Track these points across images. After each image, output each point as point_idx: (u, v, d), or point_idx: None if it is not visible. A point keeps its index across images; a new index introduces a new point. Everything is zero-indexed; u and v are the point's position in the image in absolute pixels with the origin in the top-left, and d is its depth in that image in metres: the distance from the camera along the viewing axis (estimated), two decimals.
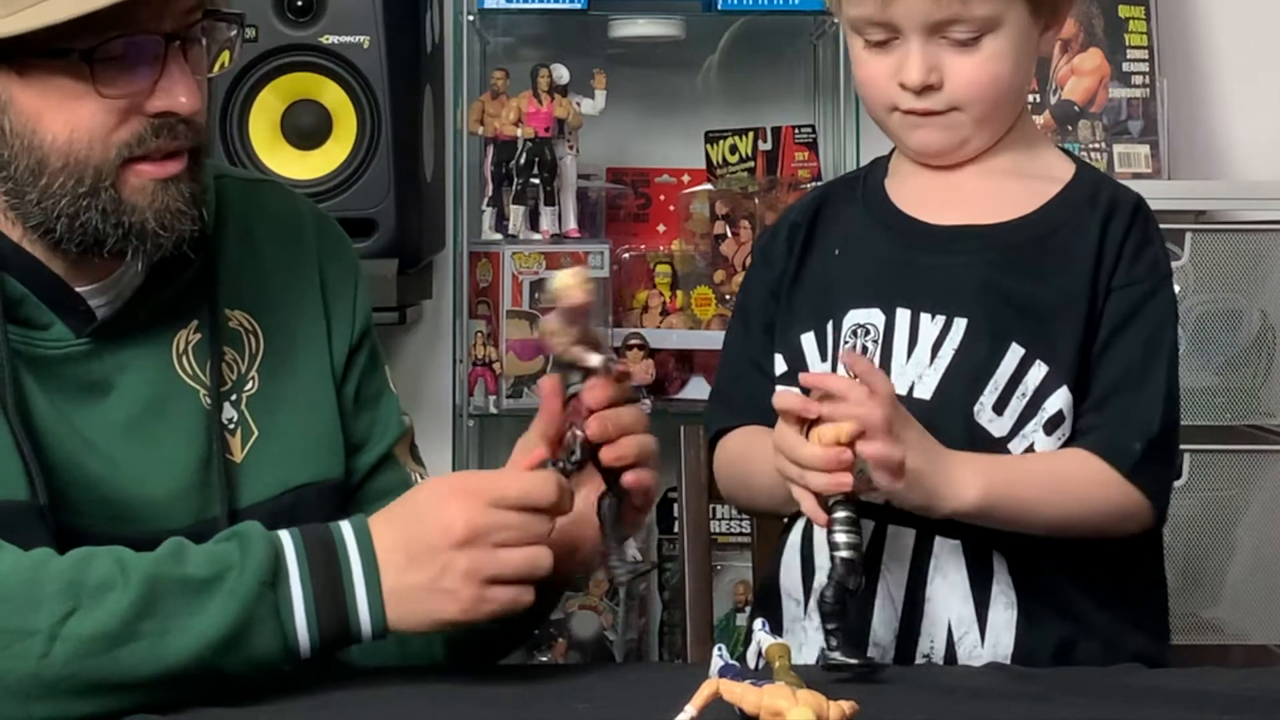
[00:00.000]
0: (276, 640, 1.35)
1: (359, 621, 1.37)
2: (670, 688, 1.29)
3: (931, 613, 1.62)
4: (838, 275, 1.69)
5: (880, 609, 1.62)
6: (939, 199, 1.69)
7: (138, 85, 1.42)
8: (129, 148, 1.43)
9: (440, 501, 1.38)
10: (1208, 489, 2.90)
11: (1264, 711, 1.38)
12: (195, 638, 1.33)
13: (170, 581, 1.34)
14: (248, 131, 2.70)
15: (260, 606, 1.34)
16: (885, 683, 1.43)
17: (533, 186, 3.03)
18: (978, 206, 1.68)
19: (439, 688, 1.42)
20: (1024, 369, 1.62)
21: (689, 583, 1.94)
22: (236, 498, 1.53)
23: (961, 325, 1.63)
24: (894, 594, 1.62)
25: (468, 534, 1.36)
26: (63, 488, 1.45)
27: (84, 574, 1.33)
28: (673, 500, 3.14)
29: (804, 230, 1.73)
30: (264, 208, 1.64)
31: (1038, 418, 1.61)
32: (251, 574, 1.35)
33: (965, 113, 1.65)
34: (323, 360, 1.61)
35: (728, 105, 3.26)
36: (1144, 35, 3.15)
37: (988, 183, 1.69)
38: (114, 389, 1.50)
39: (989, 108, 1.65)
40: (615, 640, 3.17)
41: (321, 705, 1.36)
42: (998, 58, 1.63)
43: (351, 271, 1.67)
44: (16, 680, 1.30)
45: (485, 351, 3.03)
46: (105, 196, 1.43)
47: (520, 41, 3.24)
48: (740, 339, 1.76)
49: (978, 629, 1.61)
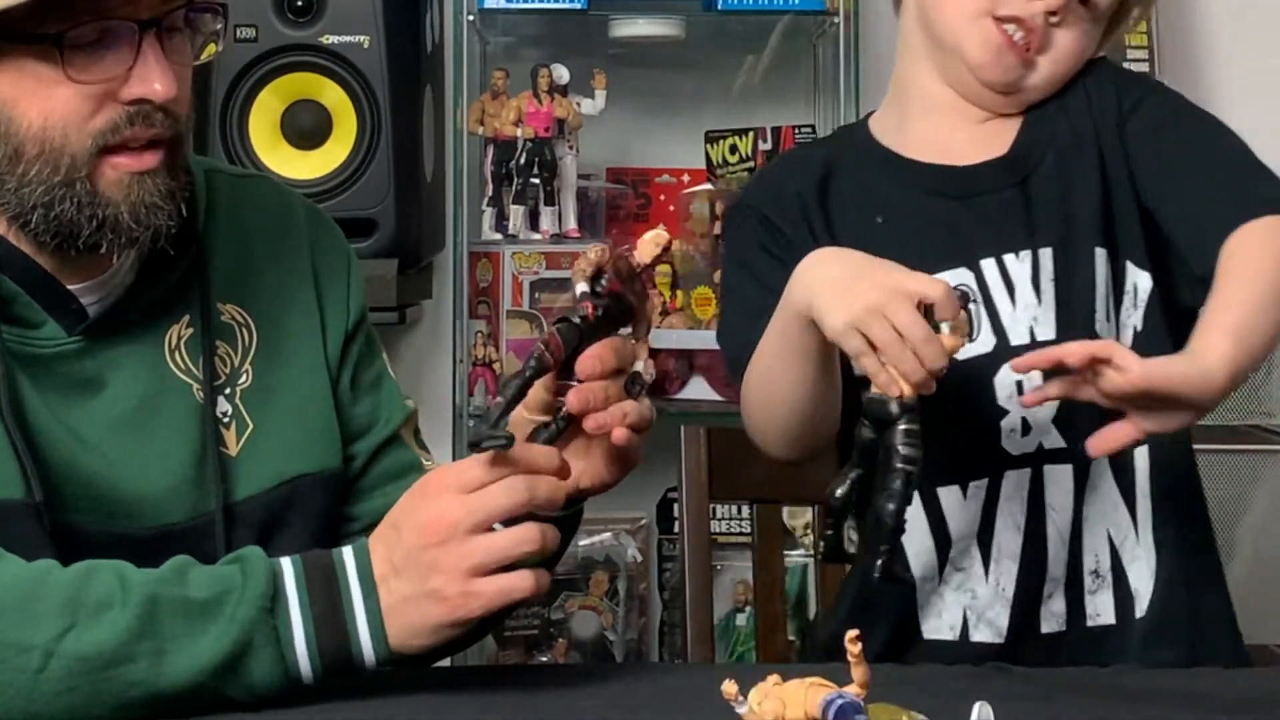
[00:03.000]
0: (277, 667, 1.34)
1: (360, 645, 1.35)
2: (670, 688, 1.29)
3: (1091, 529, 1.64)
4: (887, 243, 1.60)
5: (1051, 545, 1.64)
6: (961, 139, 1.70)
7: (111, 71, 1.41)
8: (104, 135, 1.42)
9: (413, 505, 1.37)
10: (1208, 489, 2.88)
11: (1264, 711, 1.38)
12: (193, 660, 1.32)
13: (170, 602, 1.33)
14: (248, 131, 2.70)
15: (259, 631, 1.33)
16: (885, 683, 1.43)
17: (533, 186, 3.03)
18: (996, 138, 1.70)
19: (439, 688, 1.42)
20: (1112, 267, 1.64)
21: (689, 583, 1.94)
22: (232, 491, 1.52)
23: (1048, 255, 1.64)
24: (1061, 528, 1.64)
25: (444, 529, 1.33)
26: (58, 485, 1.45)
27: (84, 590, 1.32)
28: (673, 500, 3.14)
29: (815, 200, 1.71)
30: (255, 201, 1.64)
31: (1126, 301, 1.65)
32: (251, 598, 1.33)
33: (1043, 71, 1.67)
34: (317, 351, 1.61)
35: (728, 105, 3.26)
36: (1144, 35, 3.15)
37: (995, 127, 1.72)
38: (107, 386, 1.50)
39: (1055, 82, 1.69)
40: (615, 640, 3.17)
41: (322, 705, 1.36)
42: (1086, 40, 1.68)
43: (344, 262, 1.66)
44: (12, 695, 1.29)
45: (485, 351, 3.03)
46: (80, 188, 1.42)
47: (520, 41, 3.24)
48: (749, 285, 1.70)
49: (1132, 529, 1.64)
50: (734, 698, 1.11)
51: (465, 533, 1.33)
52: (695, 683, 1.24)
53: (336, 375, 1.61)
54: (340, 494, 1.59)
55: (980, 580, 1.65)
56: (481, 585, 1.33)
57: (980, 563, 1.65)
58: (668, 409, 3.00)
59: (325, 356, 1.61)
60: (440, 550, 1.33)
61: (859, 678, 1.12)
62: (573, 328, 1.39)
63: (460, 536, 1.33)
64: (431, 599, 1.34)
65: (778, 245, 1.70)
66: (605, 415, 1.41)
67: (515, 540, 1.33)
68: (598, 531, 3.20)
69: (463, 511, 1.33)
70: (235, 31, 2.67)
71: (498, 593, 1.33)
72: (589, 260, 1.40)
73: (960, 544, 1.65)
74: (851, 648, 1.10)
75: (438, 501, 1.35)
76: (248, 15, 2.68)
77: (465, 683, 1.45)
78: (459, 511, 1.33)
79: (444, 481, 1.36)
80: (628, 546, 3.21)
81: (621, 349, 1.43)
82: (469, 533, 1.33)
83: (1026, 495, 1.64)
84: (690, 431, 1.96)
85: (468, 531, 1.33)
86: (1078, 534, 1.64)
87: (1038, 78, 1.68)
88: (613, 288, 1.41)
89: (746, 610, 3.09)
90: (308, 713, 1.35)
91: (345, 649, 1.35)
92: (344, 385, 1.62)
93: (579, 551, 3.18)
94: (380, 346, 1.68)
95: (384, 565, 1.36)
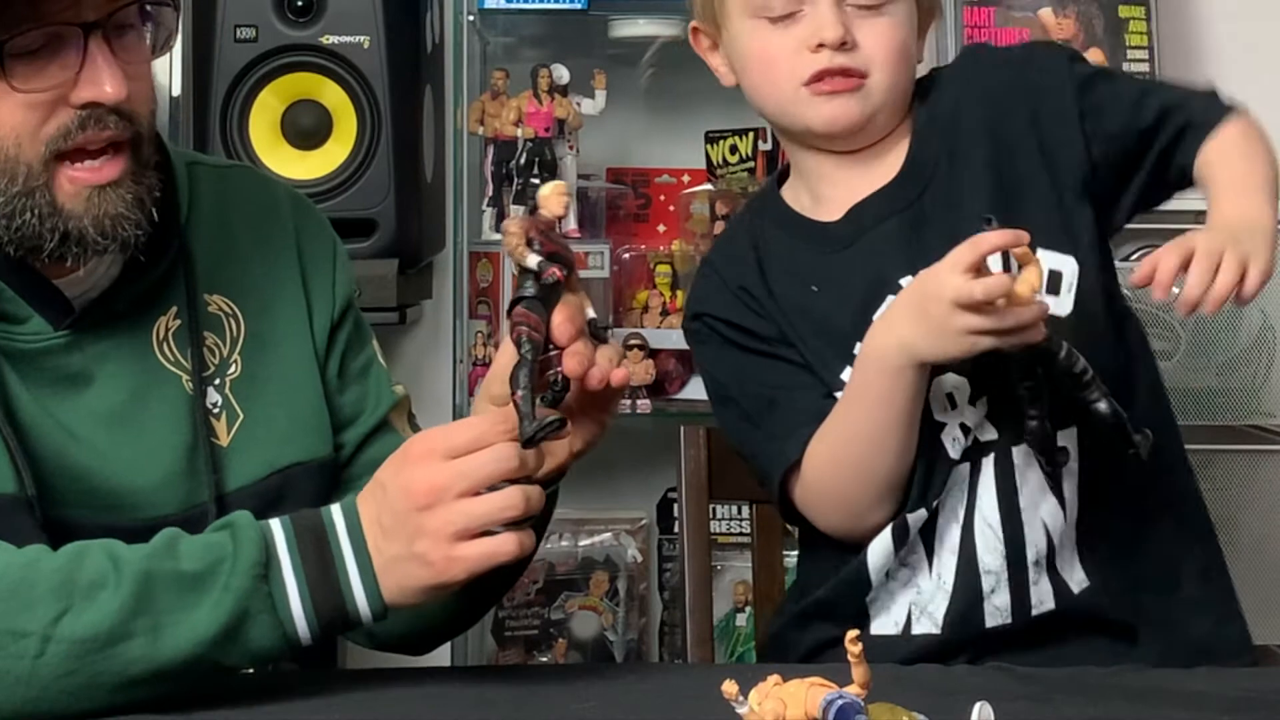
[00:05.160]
0: (275, 631, 1.34)
1: (356, 603, 1.36)
2: (670, 688, 1.29)
3: (1029, 519, 1.64)
4: (827, 308, 1.67)
5: (981, 537, 1.63)
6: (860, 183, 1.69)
7: (57, 77, 1.40)
8: (57, 141, 1.41)
9: (398, 467, 1.37)
10: (1208, 489, 2.88)
11: (1264, 711, 1.38)
12: (190, 633, 1.32)
13: (163, 577, 1.33)
14: (248, 131, 2.70)
15: (255, 599, 1.34)
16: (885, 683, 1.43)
17: (533, 186, 3.02)
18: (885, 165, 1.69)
19: (439, 688, 1.42)
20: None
21: (689, 583, 1.94)
22: (224, 482, 1.53)
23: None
24: (989, 520, 1.64)
25: (428, 493, 1.34)
26: (50, 480, 1.45)
27: (76, 572, 1.33)
28: (673, 500, 3.14)
29: (759, 286, 1.71)
30: (238, 192, 1.63)
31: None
32: (244, 567, 1.34)
33: (876, 79, 1.65)
34: (304, 339, 1.61)
35: (728, 105, 3.26)
36: (1144, 35, 3.15)
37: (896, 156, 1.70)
38: (95, 379, 1.50)
39: (896, 75, 1.67)
40: (615, 640, 3.17)
41: (322, 705, 1.36)
42: (903, 25, 1.67)
43: (329, 249, 1.66)
44: (12, 683, 1.30)
45: (485, 351, 3.03)
46: (40, 198, 1.42)
47: (520, 41, 3.24)
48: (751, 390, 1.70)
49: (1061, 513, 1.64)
50: (734, 698, 1.11)
51: (451, 498, 1.33)
52: (695, 683, 1.24)
53: (324, 363, 1.61)
54: (332, 482, 1.59)
55: (925, 574, 1.65)
56: (465, 549, 1.34)
57: (924, 557, 1.65)
58: (668, 409, 3.00)
59: (313, 345, 1.61)
60: (426, 514, 1.34)
61: (859, 678, 1.12)
62: (537, 301, 1.40)
63: (446, 501, 1.33)
64: (417, 562, 1.34)
65: (755, 341, 1.71)
66: (599, 369, 1.42)
67: (500, 505, 1.34)
68: (598, 531, 3.20)
69: (449, 476, 1.34)
70: (235, 31, 2.67)
71: (481, 557, 1.34)
72: (518, 232, 1.41)
73: (909, 542, 1.65)
74: (852, 648, 1.11)
75: (425, 466, 1.35)
76: (248, 15, 2.68)
77: (465, 683, 1.45)
78: (446, 476, 1.34)
79: (431, 445, 1.36)
80: (628, 546, 3.20)
81: (579, 304, 1.43)
82: (455, 498, 1.33)
83: (966, 488, 1.64)
84: (690, 431, 1.96)
85: (454, 497, 1.33)
86: (1016, 525, 1.64)
87: (876, 95, 1.66)
88: (549, 249, 1.42)
89: (746, 610, 3.09)
90: (307, 710, 1.35)
91: (341, 608, 1.36)
92: (331, 373, 1.62)
93: (579, 551, 3.18)
94: (370, 334, 1.68)
95: (373, 526, 1.37)
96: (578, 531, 3.18)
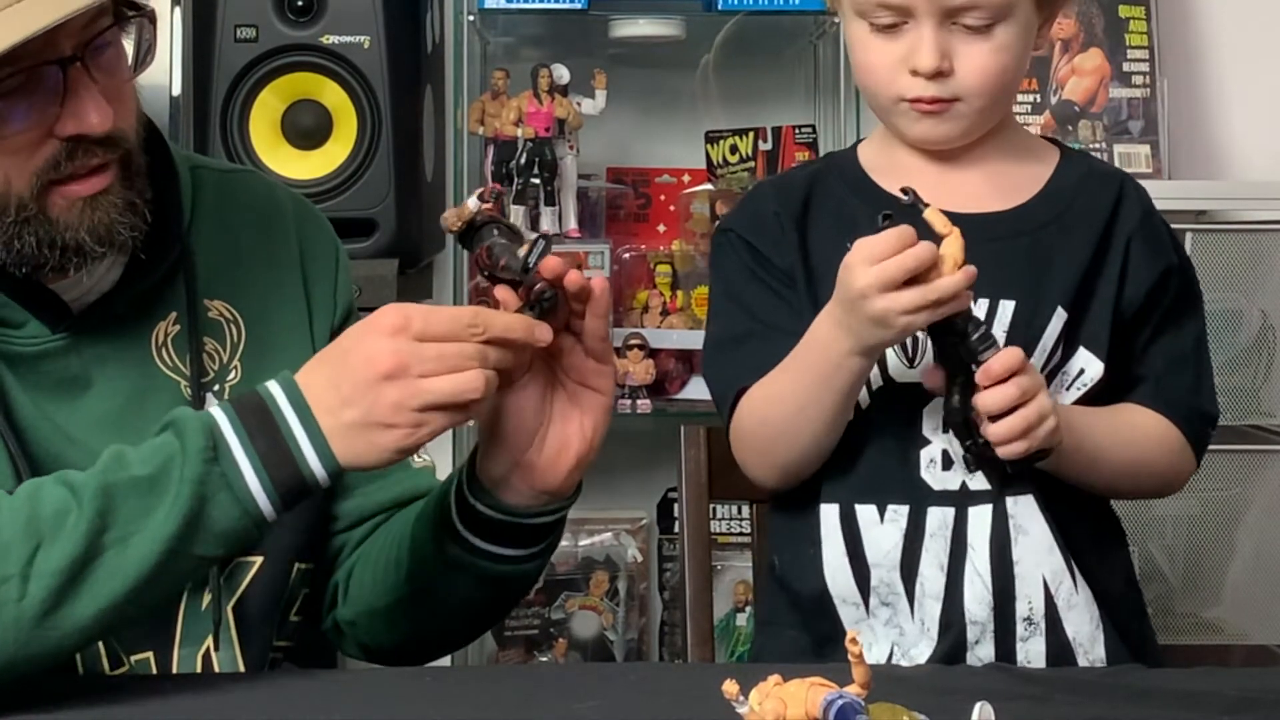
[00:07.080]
0: (235, 508, 1.35)
1: (310, 468, 1.37)
2: (670, 688, 1.29)
3: (1023, 573, 1.63)
4: None
5: (970, 586, 1.63)
6: (940, 189, 1.69)
7: (40, 117, 1.40)
8: (46, 172, 1.41)
9: (363, 336, 1.38)
10: (1208, 489, 2.89)
11: (1264, 711, 1.38)
12: (158, 532, 1.33)
13: (120, 487, 1.34)
14: (248, 131, 2.70)
15: (209, 482, 1.34)
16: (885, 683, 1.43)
17: (533, 186, 3.03)
18: (980, 194, 1.69)
19: (439, 688, 1.42)
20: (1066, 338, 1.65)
21: (689, 583, 1.94)
22: None
23: (1009, 307, 1.63)
24: (980, 569, 1.63)
25: (393, 367, 1.35)
26: None
27: (38, 507, 1.33)
28: (673, 500, 3.14)
29: (792, 222, 1.71)
30: (241, 196, 1.63)
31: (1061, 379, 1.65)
32: (193, 454, 1.35)
33: (969, 103, 1.64)
34: (305, 345, 1.60)
35: (728, 105, 3.26)
36: (1144, 35, 3.15)
37: (984, 170, 1.70)
38: (94, 384, 1.51)
39: (992, 100, 1.65)
40: (615, 640, 3.17)
41: (322, 706, 1.36)
42: (1007, 47, 1.64)
43: (331, 255, 1.66)
44: (2, 631, 1.30)
45: None
46: (36, 223, 1.42)
47: (520, 41, 3.24)
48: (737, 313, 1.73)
49: (1069, 575, 1.64)
50: (735, 698, 1.11)
51: (415, 375, 1.35)
52: (695, 683, 1.24)
53: None
54: (329, 490, 1.59)
55: (906, 617, 1.64)
56: (431, 416, 1.36)
57: (905, 599, 1.64)
58: (668, 409, 3.01)
59: (313, 350, 1.60)
60: (389, 384, 1.35)
61: (859, 678, 1.12)
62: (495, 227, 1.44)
63: (409, 377, 1.35)
64: (381, 429, 1.36)
65: (764, 270, 1.70)
66: (577, 274, 1.43)
67: (458, 385, 1.35)
68: (598, 531, 3.20)
69: (414, 359, 1.35)
70: (235, 31, 2.67)
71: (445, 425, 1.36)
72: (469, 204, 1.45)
73: (882, 573, 1.64)
74: (852, 648, 1.11)
75: (394, 341, 1.36)
76: (248, 15, 2.68)
77: (465, 683, 1.45)
78: (410, 358, 1.35)
79: (405, 322, 1.37)
80: (628, 546, 3.21)
81: None
82: (419, 376, 1.35)
83: (950, 535, 1.63)
84: (690, 431, 1.96)
85: (418, 375, 1.35)
86: (1007, 578, 1.63)
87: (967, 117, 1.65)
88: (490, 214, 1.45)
89: (746, 610, 3.09)
90: (307, 710, 1.35)
91: (297, 475, 1.37)
92: None
93: (579, 551, 3.18)
94: None
95: (328, 391, 1.37)
96: (578, 531, 3.18)
